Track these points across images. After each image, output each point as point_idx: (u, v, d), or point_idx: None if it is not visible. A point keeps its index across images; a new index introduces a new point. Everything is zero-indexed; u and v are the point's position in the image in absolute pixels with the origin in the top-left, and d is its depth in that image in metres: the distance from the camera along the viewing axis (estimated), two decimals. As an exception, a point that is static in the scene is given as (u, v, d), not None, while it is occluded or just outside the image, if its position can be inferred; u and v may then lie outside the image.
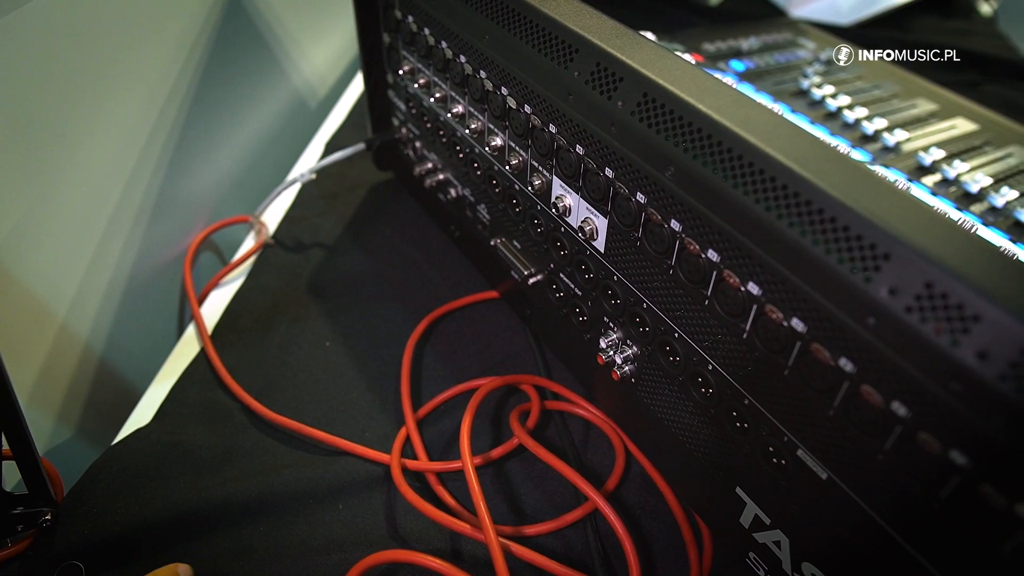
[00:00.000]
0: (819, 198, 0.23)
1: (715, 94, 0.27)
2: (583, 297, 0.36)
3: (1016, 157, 0.53)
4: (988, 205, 0.46)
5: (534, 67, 0.33)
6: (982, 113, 0.59)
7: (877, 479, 0.24)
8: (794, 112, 0.53)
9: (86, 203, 0.41)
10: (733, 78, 0.57)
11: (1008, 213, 0.45)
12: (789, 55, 0.63)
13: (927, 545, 0.24)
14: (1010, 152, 0.53)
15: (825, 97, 0.55)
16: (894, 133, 0.51)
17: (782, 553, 0.30)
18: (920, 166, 0.49)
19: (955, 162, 0.49)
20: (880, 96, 0.58)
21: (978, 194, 0.47)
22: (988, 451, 0.20)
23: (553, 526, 0.33)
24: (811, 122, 0.52)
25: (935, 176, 0.48)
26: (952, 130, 0.55)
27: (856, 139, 0.51)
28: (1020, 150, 0.54)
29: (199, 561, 0.33)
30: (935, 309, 0.21)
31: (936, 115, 0.57)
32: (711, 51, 0.61)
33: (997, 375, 0.19)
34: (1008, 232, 0.43)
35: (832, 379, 0.24)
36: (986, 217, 0.45)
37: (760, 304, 0.26)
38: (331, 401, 0.40)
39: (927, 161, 0.49)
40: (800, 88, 0.57)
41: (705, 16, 0.81)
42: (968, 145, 0.53)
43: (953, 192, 0.47)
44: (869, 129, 0.52)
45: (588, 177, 0.32)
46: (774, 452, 0.28)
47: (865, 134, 0.52)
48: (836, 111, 0.54)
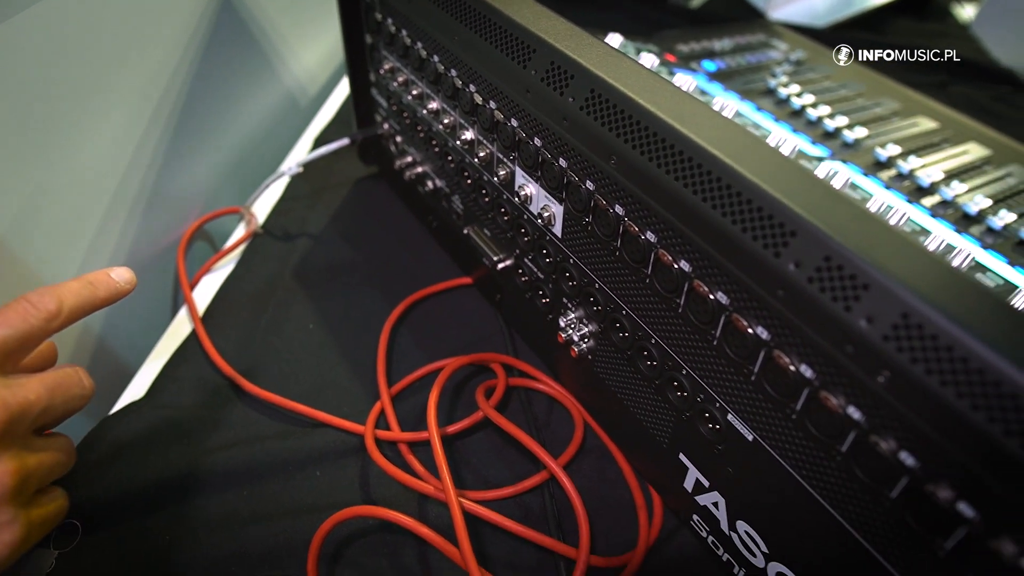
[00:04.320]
0: (737, 182, 0.25)
1: (655, 91, 0.29)
2: (545, 280, 0.39)
3: (972, 154, 0.56)
4: (939, 198, 0.48)
5: (497, 66, 0.36)
6: (943, 112, 0.61)
7: (791, 437, 0.27)
8: (759, 110, 0.55)
9: (85, 193, 0.43)
10: (704, 78, 0.59)
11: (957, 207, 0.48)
12: (760, 56, 0.66)
13: (834, 497, 0.26)
14: (966, 149, 0.56)
15: (791, 96, 0.57)
16: (854, 130, 0.54)
17: (720, 513, 0.33)
18: (876, 161, 0.51)
19: (910, 158, 0.51)
20: (845, 95, 0.61)
21: (930, 188, 0.49)
22: (877, 406, 0.23)
23: (512, 491, 0.36)
24: (775, 119, 0.54)
25: (890, 171, 0.51)
26: (912, 128, 0.57)
27: (818, 135, 0.54)
28: (977, 147, 0.57)
29: (187, 522, 0.36)
30: (832, 280, 0.23)
31: (898, 113, 0.59)
32: (685, 52, 0.64)
33: (882, 336, 0.22)
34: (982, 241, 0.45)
35: (751, 347, 0.27)
36: (936, 210, 0.47)
37: (691, 280, 0.28)
38: (312, 378, 0.43)
39: (883, 156, 0.51)
40: (768, 87, 0.59)
41: (686, 18, 0.84)
42: (926, 142, 0.55)
43: (907, 186, 0.49)
44: (830, 126, 0.54)
45: (545, 167, 0.35)
46: (710, 417, 0.31)
47: (826, 131, 0.54)
48: (800, 109, 0.56)
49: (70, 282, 0.31)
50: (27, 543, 0.28)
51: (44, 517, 0.30)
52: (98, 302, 0.31)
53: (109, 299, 0.32)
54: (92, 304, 0.31)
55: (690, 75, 0.57)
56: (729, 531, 0.33)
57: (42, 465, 0.29)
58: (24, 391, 0.28)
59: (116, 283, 0.32)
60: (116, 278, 0.32)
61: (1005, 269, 0.42)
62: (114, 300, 0.32)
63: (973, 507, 0.21)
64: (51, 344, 0.34)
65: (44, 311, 0.29)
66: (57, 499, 0.31)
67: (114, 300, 0.32)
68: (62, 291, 0.30)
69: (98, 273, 0.32)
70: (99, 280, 0.32)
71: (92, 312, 0.31)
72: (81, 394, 0.30)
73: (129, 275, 0.33)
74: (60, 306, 0.29)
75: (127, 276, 0.33)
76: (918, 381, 0.21)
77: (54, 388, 0.29)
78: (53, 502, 0.31)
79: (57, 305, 0.29)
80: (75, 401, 0.30)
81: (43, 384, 0.29)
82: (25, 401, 0.27)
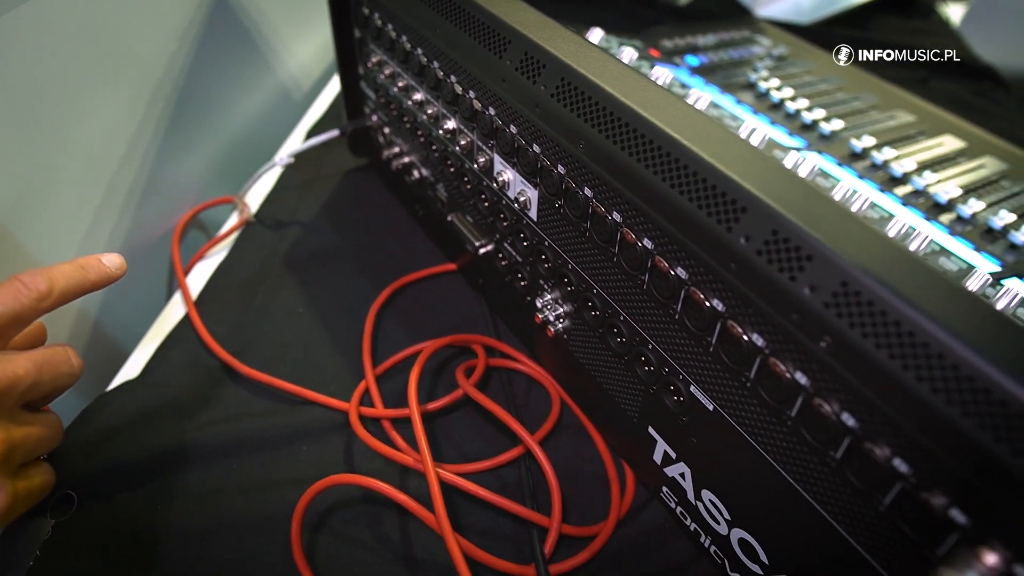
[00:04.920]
0: (693, 161, 0.27)
1: (620, 78, 0.31)
2: (523, 263, 0.41)
3: (947, 146, 0.57)
4: (911, 188, 0.50)
5: (476, 57, 0.37)
6: (922, 106, 0.63)
7: (747, 404, 0.28)
8: (739, 103, 0.57)
9: (82, 181, 0.45)
10: (686, 72, 0.61)
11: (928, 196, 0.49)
12: (743, 51, 0.67)
13: (786, 460, 0.28)
14: (941, 142, 0.57)
15: (770, 89, 0.59)
16: (831, 122, 0.55)
17: (686, 483, 0.34)
18: (852, 152, 0.53)
19: (885, 149, 0.53)
20: (825, 90, 0.62)
21: (902, 177, 0.50)
22: (822, 371, 0.24)
23: (489, 464, 0.37)
24: (754, 112, 0.56)
25: (865, 162, 0.52)
26: (889, 121, 0.59)
27: (795, 128, 0.55)
28: (952, 140, 0.58)
29: (178, 493, 0.37)
30: (779, 252, 0.25)
31: (876, 107, 0.61)
32: (669, 47, 0.65)
33: (823, 303, 0.24)
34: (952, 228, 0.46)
35: (709, 319, 0.28)
36: (907, 199, 0.48)
37: (653, 257, 0.30)
38: (300, 359, 0.45)
39: (858, 148, 0.53)
40: (749, 81, 0.61)
41: (675, 15, 0.85)
42: (902, 135, 0.57)
43: (880, 176, 0.51)
44: (808, 118, 0.55)
45: (521, 153, 0.36)
46: (674, 390, 0.32)
47: (804, 123, 0.55)
48: (779, 102, 0.57)
49: (62, 265, 0.32)
50: (12, 513, 0.30)
51: (29, 489, 0.31)
52: (88, 285, 0.33)
53: (99, 283, 0.33)
54: (82, 287, 0.32)
55: (668, 68, 0.59)
56: (695, 500, 0.34)
57: (29, 438, 0.30)
58: (13, 366, 0.29)
59: (106, 268, 0.33)
60: (107, 263, 0.33)
61: (970, 254, 0.43)
62: (104, 284, 0.33)
63: (906, 462, 0.23)
64: (41, 325, 0.35)
65: (35, 291, 0.30)
66: (43, 473, 0.32)
67: (104, 284, 0.33)
68: (54, 273, 0.31)
69: (89, 258, 0.33)
70: (90, 264, 0.33)
71: (82, 295, 0.33)
72: (69, 372, 0.31)
73: (120, 261, 0.34)
74: (51, 287, 0.31)
75: (117, 262, 0.34)
76: (856, 345, 0.23)
77: (43, 365, 0.30)
78: (39, 475, 0.32)
79: (48, 286, 0.31)
80: (63, 379, 0.31)
81: (32, 360, 0.30)
82: (14, 375, 0.29)
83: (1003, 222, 0.47)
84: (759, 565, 0.32)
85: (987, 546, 0.21)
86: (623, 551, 0.36)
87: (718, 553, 0.34)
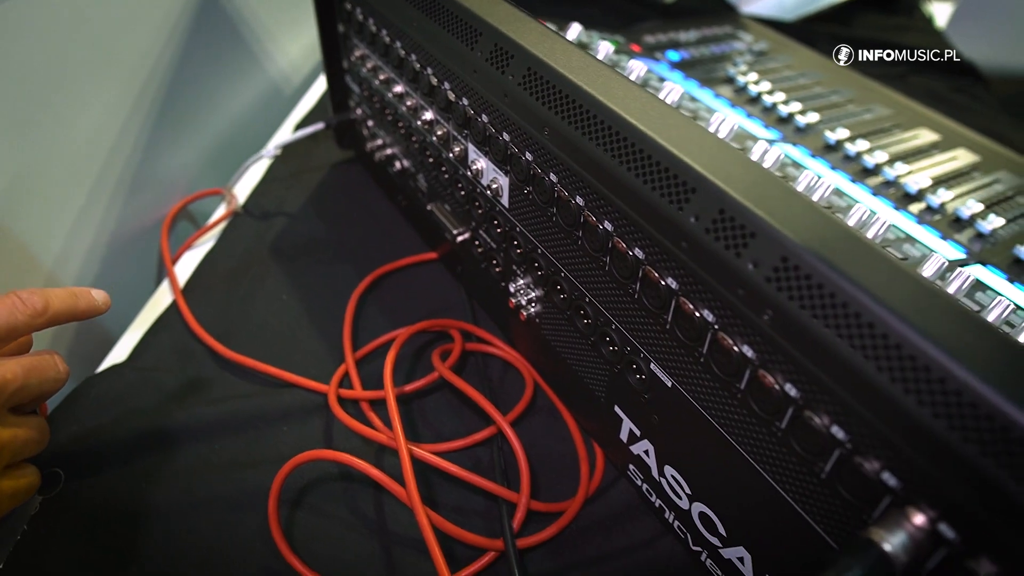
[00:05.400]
0: (647, 144, 0.28)
1: (582, 68, 0.32)
2: (496, 249, 0.42)
3: (921, 139, 0.58)
4: (882, 179, 0.51)
5: (449, 49, 0.38)
6: (899, 100, 0.64)
7: (701, 378, 0.30)
8: (718, 97, 0.58)
9: (73, 172, 0.46)
10: (666, 67, 0.62)
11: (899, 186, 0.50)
12: (725, 46, 0.68)
13: (738, 432, 0.29)
14: (916, 135, 0.58)
15: (748, 84, 0.60)
16: (806, 115, 0.56)
17: (650, 460, 0.36)
18: (826, 145, 0.54)
19: (859, 141, 0.54)
20: (803, 84, 0.63)
21: (874, 168, 0.52)
22: (766, 344, 0.25)
23: (462, 444, 0.38)
24: (731, 105, 0.57)
25: (838, 153, 0.53)
26: (865, 114, 0.60)
27: (772, 120, 0.56)
28: (927, 133, 0.59)
29: (162, 471, 0.38)
30: (725, 230, 0.26)
31: (853, 101, 0.62)
32: (651, 43, 0.66)
33: (765, 278, 0.25)
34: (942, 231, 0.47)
35: (664, 297, 0.29)
36: (878, 189, 0.50)
37: (613, 238, 0.31)
38: (284, 344, 0.46)
39: (832, 140, 0.54)
40: (728, 75, 0.62)
41: (662, 13, 0.86)
42: (876, 127, 0.58)
43: (853, 168, 0.52)
44: (784, 111, 0.57)
45: (492, 142, 0.37)
46: (637, 368, 0.34)
47: (780, 116, 0.57)
48: (756, 96, 0.59)
49: (57, 289, 0.34)
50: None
51: (15, 489, 0.32)
52: (78, 313, 0.35)
53: (87, 313, 0.35)
54: (73, 313, 0.34)
55: (646, 62, 0.60)
56: (659, 476, 0.35)
57: (15, 439, 0.32)
58: (2, 371, 0.30)
59: (95, 301, 0.36)
60: (96, 297, 0.36)
61: (936, 242, 0.45)
62: (91, 315, 0.36)
63: (843, 429, 0.24)
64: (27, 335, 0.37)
65: (32, 308, 0.32)
66: (28, 475, 0.34)
67: (91, 315, 0.36)
68: (50, 295, 0.33)
69: (81, 289, 0.36)
70: (82, 294, 0.35)
71: (71, 320, 0.35)
72: (56, 377, 0.33)
73: (105, 296, 0.37)
74: (46, 307, 0.32)
75: (104, 297, 0.37)
76: (795, 317, 0.24)
77: (30, 369, 0.31)
78: (24, 477, 0.33)
79: (44, 305, 0.32)
80: (50, 383, 0.33)
81: (20, 365, 0.31)
82: (2, 379, 0.30)
83: (971, 211, 0.48)
84: (717, 537, 0.33)
85: (915, 507, 0.22)
86: (591, 527, 0.37)
87: (681, 528, 0.35)
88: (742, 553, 0.32)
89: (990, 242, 0.47)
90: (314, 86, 0.73)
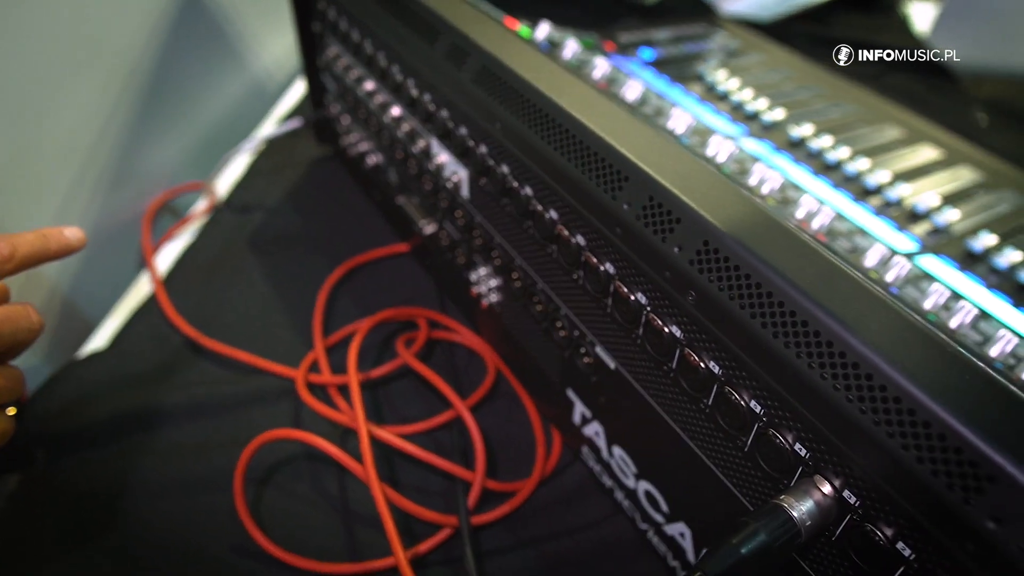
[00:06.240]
0: (584, 135, 0.29)
1: (533, 66, 0.34)
2: (460, 241, 0.43)
3: (887, 135, 0.59)
4: (843, 175, 0.52)
5: (411, 47, 0.40)
6: (867, 98, 0.65)
7: (638, 359, 0.31)
8: (687, 93, 0.59)
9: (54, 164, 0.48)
10: (639, 64, 0.63)
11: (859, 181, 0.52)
12: (698, 45, 0.70)
13: (671, 409, 0.30)
14: (881, 130, 0.59)
15: (718, 81, 0.61)
16: (773, 111, 0.57)
17: (600, 441, 0.37)
18: (790, 140, 0.55)
19: (823, 136, 0.55)
20: (772, 81, 0.64)
21: (835, 164, 0.53)
22: (691, 324, 0.27)
23: (423, 427, 0.40)
24: (700, 101, 0.58)
25: (802, 149, 0.54)
26: (832, 111, 0.61)
27: (740, 116, 0.57)
28: (893, 129, 0.60)
29: (139, 452, 0.40)
30: (654, 216, 0.27)
31: (822, 98, 0.63)
32: (625, 41, 0.68)
33: (688, 261, 0.26)
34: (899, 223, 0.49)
35: (604, 281, 0.31)
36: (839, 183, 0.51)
37: (557, 226, 0.32)
38: (258, 332, 0.47)
39: (796, 136, 0.55)
40: (698, 73, 0.63)
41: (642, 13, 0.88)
42: (841, 123, 0.59)
43: (816, 163, 0.53)
44: (751, 108, 0.58)
45: (452, 136, 0.39)
46: (585, 352, 0.35)
47: (747, 113, 0.58)
48: (725, 93, 0.60)
49: (25, 233, 0.34)
50: None
51: None
52: (49, 254, 0.35)
53: (59, 253, 0.35)
54: (43, 255, 0.34)
55: (615, 60, 0.61)
56: (608, 457, 0.37)
57: None
58: None
59: (67, 239, 0.35)
60: (68, 235, 0.36)
61: (890, 234, 0.46)
62: (64, 254, 0.35)
63: (761, 404, 0.25)
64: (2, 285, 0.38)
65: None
66: (2, 421, 0.35)
67: (64, 254, 0.35)
68: (16, 239, 0.34)
69: (51, 229, 0.35)
70: (52, 235, 0.35)
71: (42, 263, 0.35)
72: (29, 327, 0.34)
73: (80, 234, 0.36)
74: (13, 252, 0.33)
75: (79, 235, 0.36)
76: (715, 298, 0.25)
77: (3, 320, 0.32)
78: None
79: (11, 251, 0.33)
80: (23, 334, 0.33)
81: None
82: None
83: (928, 205, 0.50)
84: (661, 515, 0.34)
85: (823, 476, 0.24)
86: (545, 507, 0.38)
87: (630, 507, 0.37)
88: (683, 529, 0.33)
89: (946, 235, 0.49)
90: (297, 83, 0.75)
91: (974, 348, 0.33)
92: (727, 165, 0.41)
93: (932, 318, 0.35)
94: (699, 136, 0.49)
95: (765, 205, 0.28)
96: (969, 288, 0.43)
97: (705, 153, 0.40)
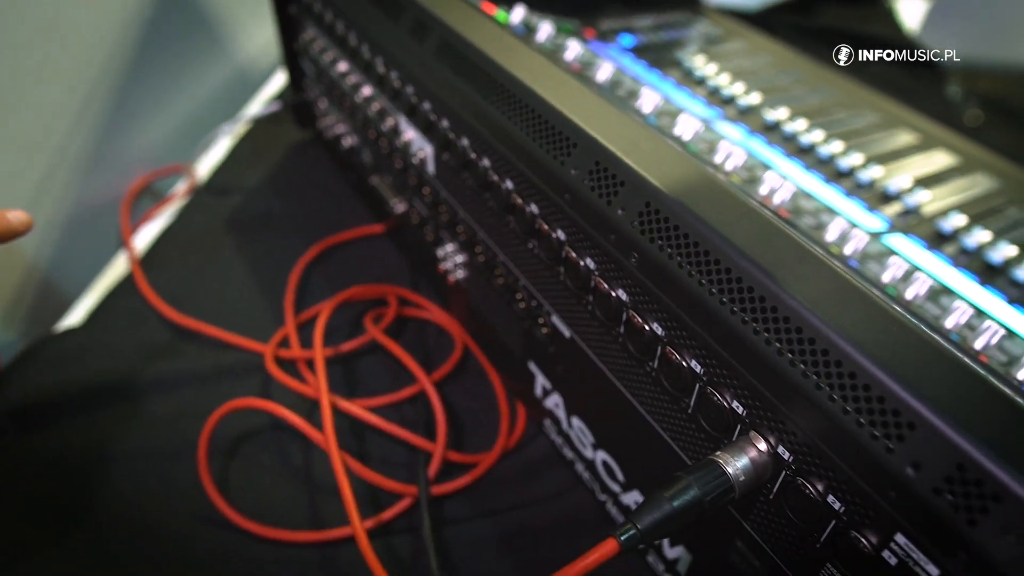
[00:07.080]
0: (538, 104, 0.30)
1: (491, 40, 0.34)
2: (429, 217, 0.44)
3: (862, 120, 0.59)
4: (816, 157, 0.52)
5: (378, 25, 0.40)
6: (845, 84, 0.65)
7: (590, 325, 0.31)
8: (665, 78, 0.59)
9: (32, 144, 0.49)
10: (617, 50, 0.63)
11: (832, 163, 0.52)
12: (679, 32, 0.70)
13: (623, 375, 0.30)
14: (857, 115, 0.60)
15: (696, 66, 0.61)
16: (749, 95, 0.58)
17: (560, 413, 0.37)
18: (764, 123, 0.55)
19: (798, 120, 0.55)
20: (751, 68, 0.65)
21: (809, 147, 0.53)
22: (635, 286, 0.27)
23: (388, 400, 0.40)
24: (677, 85, 0.58)
25: (776, 132, 0.55)
26: (810, 96, 0.61)
27: (717, 101, 0.58)
28: (870, 114, 0.61)
29: (111, 424, 0.40)
30: (600, 181, 0.28)
31: (800, 83, 0.63)
32: (606, 28, 0.68)
33: (631, 222, 0.26)
34: None
35: (555, 249, 0.31)
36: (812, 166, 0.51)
37: (512, 194, 0.33)
38: (232, 311, 0.48)
39: (771, 119, 0.55)
40: (677, 59, 0.63)
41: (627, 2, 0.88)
42: (818, 107, 0.59)
43: (790, 146, 0.53)
44: (727, 93, 0.58)
45: (417, 112, 0.39)
46: (542, 322, 0.35)
47: (723, 97, 0.58)
48: (702, 78, 0.60)
49: None
50: None
51: None
52: None
53: (2, 236, 0.34)
54: None
55: (594, 46, 0.62)
56: (568, 428, 0.37)
57: None
58: None
59: (10, 222, 0.34)
60: (11, 218, 0.34)
61: (859, 213, 0.46)
62: (8, 238, 0.34)
63: (701, 364, 0.25)
64: None
65: None
66: None
67: (8, 238, 0.34)
68: None
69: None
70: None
71: None
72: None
73: (25, 217, 0.35)
74: None
75: (23, 218, 0.35)
76: (656, 259, 0.26)
77: None
78: None
79: None
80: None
81: None
82: None
83: (899, 187, 0.50)
84: (618, 484, 0.34)
85: (758, 432, 0.24)
86: (507, 479, 0.39)
87: (590, 479, 0.37)
88: (639, 498, 0.34)
89: (916, 216, 0.49)
90: (280, 73, 0.76)
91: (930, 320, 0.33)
92: (693, 144, 0.42)
93: (891, 291, 0.35)
94: (669, 117, 0.49)
95: (711, 171, 0.28)
96: (934, 266, 0.43)
97: (672, 132, 0.41)
